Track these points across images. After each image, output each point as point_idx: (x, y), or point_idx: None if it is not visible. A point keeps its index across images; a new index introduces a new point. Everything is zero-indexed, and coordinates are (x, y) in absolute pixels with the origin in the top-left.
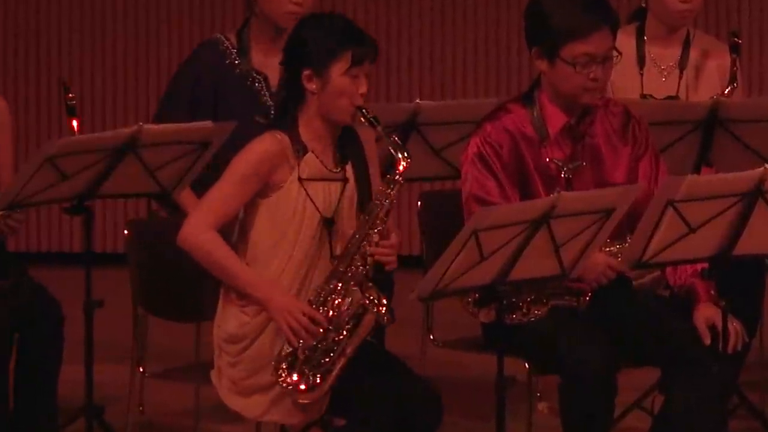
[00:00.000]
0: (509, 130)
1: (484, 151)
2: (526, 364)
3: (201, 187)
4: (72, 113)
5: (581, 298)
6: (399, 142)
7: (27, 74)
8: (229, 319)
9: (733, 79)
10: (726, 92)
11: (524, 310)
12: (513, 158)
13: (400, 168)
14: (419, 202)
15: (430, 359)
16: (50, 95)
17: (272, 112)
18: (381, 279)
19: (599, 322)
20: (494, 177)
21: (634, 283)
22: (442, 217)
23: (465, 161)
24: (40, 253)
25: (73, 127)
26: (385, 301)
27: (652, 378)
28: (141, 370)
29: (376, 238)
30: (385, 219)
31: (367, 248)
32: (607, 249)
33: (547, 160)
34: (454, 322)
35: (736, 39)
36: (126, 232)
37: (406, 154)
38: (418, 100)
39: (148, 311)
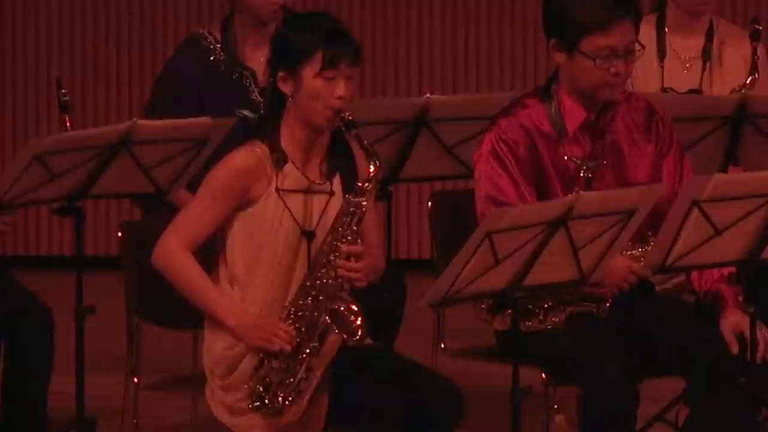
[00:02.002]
0: (525, 126)
1: (498, 149)
2: (543, 374)
3: (192, 187)
4: (65, 109)
5: (601, 305)
6: (371, 148)
7: (15, 70)
8: (216, 341)
9: (753, 69)
10: (747, 82)
11: (541, 317)
12: (529, 156)
13: (370, 176)
14: (430, 203)
15: (441, 369)
16: (39, 91)
17: (261, 108)
18: (392, 284)
19: (620, 330)
20: (509, 176)
21: (657, 288)
22: (454, 219)
23: (478, 159)
24: (28, 257)
25: (66, 123)
26: (358, 312)
27: (677, 389)
28: (135, 380)
29: (345, 249)
30: (355, 230)
31: (337, 261)
32: (629, 252)
33: (566, 158)
34: (467, 330)
35: (756, 26)
36: (119, 234)
37: (376, 162)
38: (428, 95)
39: (143, 318)
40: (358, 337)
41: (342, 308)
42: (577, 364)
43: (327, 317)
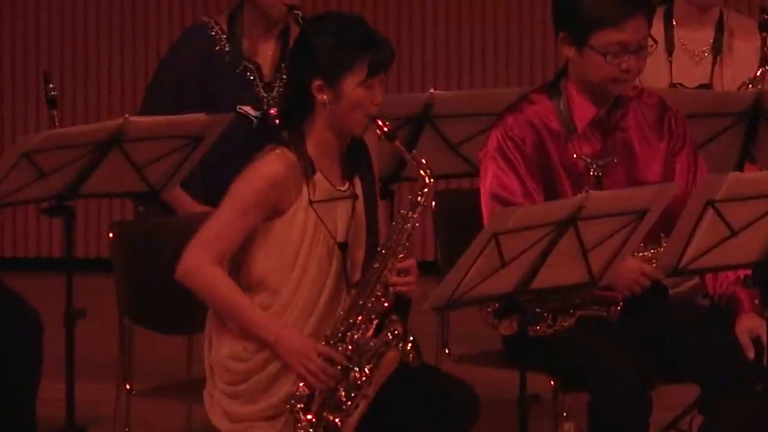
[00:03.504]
0: (533, 122)
1: (505, 146)
2: (551, 381)
3: (187, 185)
4: (52, 104)
5: (612, 308)
6: (421, 159)
7: (3, 67)
8: (222, 347)
9: (764, 61)
10: (758, 74)
11: (549, 322)
12: (537, 154)
13: (425, 190)
14: (434, 203)
15: None
16: (27, 89)
17: (264, 104)
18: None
19: (632, 335)
20: (516, 174)
21: (670, 291)
22: (459, 219)
23: (484, 157)
24: (16, 259)
25: (54, 119)
26: (411, 338)
27: (690, 396)
28: (127, 387)
29: (399, 266)
30: (407, 245)
31: (389, 278)
32: (641, 254)
33: (575, 156)
34: (472, 335)
35: (765, 16)
36: (110, 234)
37: (431, 173)
38: (432, 90)
39: (136, 322)
40: (411, 357)
41: (399, 329)
42: (587, 370)
43: (393, 332)
